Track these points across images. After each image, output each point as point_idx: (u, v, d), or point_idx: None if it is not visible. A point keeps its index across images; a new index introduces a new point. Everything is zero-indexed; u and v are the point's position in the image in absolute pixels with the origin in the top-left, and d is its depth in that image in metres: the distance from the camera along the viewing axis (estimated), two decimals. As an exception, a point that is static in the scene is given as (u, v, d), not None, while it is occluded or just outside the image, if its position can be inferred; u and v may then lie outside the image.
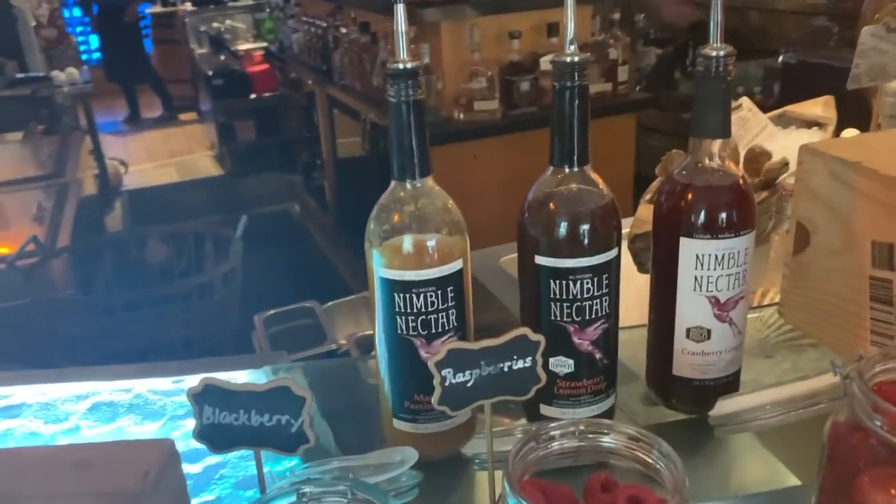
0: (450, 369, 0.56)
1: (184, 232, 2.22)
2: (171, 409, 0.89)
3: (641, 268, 1.11)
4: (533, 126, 2.82)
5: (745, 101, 1.36)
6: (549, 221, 0.70)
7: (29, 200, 2.38)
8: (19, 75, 4.70)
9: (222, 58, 5.89)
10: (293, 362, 0.94)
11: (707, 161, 0.73)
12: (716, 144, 0.73)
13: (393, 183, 0.69)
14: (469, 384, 0.56)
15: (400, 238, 0.68)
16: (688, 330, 0.76)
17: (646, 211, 1.15)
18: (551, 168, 0.71)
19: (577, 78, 0.67)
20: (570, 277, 0.69)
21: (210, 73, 5.62)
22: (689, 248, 0.73)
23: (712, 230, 0.72)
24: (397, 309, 0.68)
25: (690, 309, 0.75)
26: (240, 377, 0.94)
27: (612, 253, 0.71)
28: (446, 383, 0.56)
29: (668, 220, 0.75)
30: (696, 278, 0.74)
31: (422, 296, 0.68)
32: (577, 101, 0.67)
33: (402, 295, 0.68)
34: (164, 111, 7.21)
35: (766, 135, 1.36)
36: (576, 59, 0.66)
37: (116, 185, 5.22)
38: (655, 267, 0.79)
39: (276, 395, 0.53)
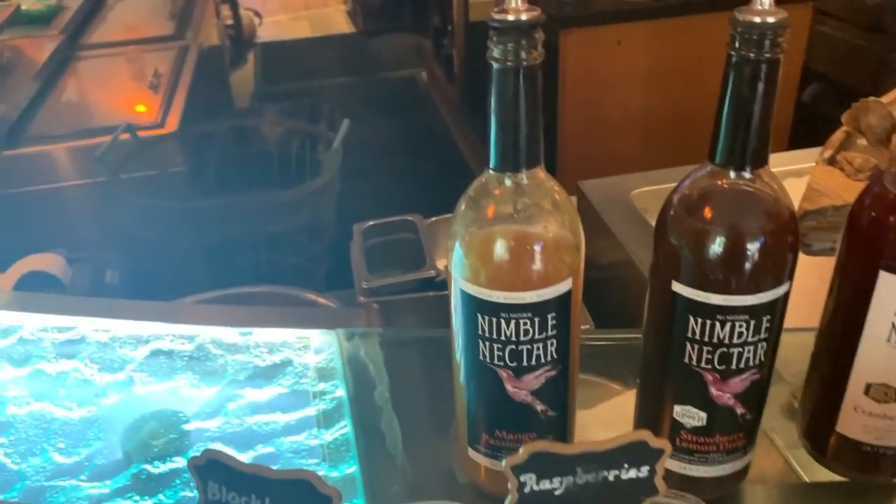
0: (532, 475, 0.41)
1: (300, 109, 2.11)
2: (231, 371, 0.79)
3: (807, 249, 0.89)
4: (689, 11, 2.47)
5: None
6: (700, 237, 0.51)
7: (151, 63, 2.32)
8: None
9: None
10: (370, 328, 0.82)
11: (941, 167, 0.52)
12: (960, 147, 0.50)
13: (488, 172, 0.51)
14: (557, 492, 0.41)
15: (490, 247, 0.52)
16: (868, 386, 0.57)
17: (822, 176, 0.92)
18: (710, 166, 0.51)
19: (768, 48, 0.46)
20: (719, 318, 0.51)
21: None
22: (891, 288, 0.53)
23: (932, 269, 0.51)
24: (480, 332, 0.53)
25: (877, 362, 0.56)
26: (310, 336, 0.83)
27: (782, 289, 0.52)
28: (525, 490, 0.41)
29: (865, 238, 0.55)
30: (893, 326, 0.54)
31: (512, 322, 0.52)
32: (762, 81, 0.47)
33: (486, 317, 0.52)
34: (302, -42, 7.00)
35: None
36: (769, 19, 0.45)
37: (250, 37, 5.17)
38: (836, 293, 0.59)
39: (296, 488, 0.40)
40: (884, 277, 0.53)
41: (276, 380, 0.78)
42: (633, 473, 0.41)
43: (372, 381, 0.76)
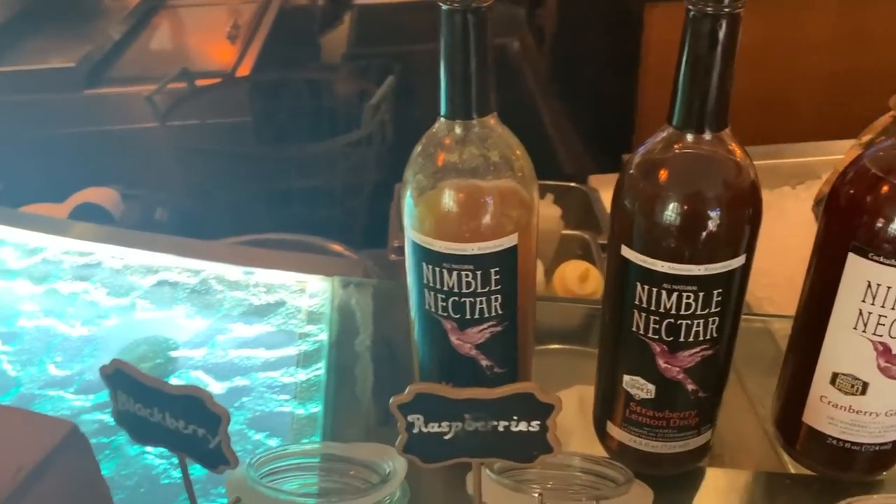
0: (419, 416, 0.40)
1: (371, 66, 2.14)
2: (228, 306, 0.82)
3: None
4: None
5: None
6: (650, 201, 0.49)
7: (230, 15, 2.38)
8: None
9: None
10: (366, 278, 0.83)
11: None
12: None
13: (440, 120, 0.51)
14: (447, 437, 0.41)
15: (435, 196, 0.51)
16: (834, 375, 0.54)
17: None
18: (670, 129, 0.49)
19: (728, 2, 0.43)
20: (665, 286, 0.49)
21: None
22: (859, 271, 0.49)
23: (902, 253, 0.48)
24: (425, 281, 0.53)
25: (842, 350, 0.53)
26: (308, 281, 0.84)
27: (736, 262, 0.49)
28: (413, 431, 0.41)
29: (838, 218, 0.51)
30: (860, 313, 0.50)
31: (454, 273, 0.51)
32: (723, 37, 0.44)
33: (431, 267, 0.52)
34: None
35: None
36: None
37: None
38: (808, 279, 0.55)
39: (189, 404, 0.41)
40: (852, 260, 0.50)
41: (266, 318, 0.80)
42: (523, 427, 0.40)
43: (356, 329, 0.77)
